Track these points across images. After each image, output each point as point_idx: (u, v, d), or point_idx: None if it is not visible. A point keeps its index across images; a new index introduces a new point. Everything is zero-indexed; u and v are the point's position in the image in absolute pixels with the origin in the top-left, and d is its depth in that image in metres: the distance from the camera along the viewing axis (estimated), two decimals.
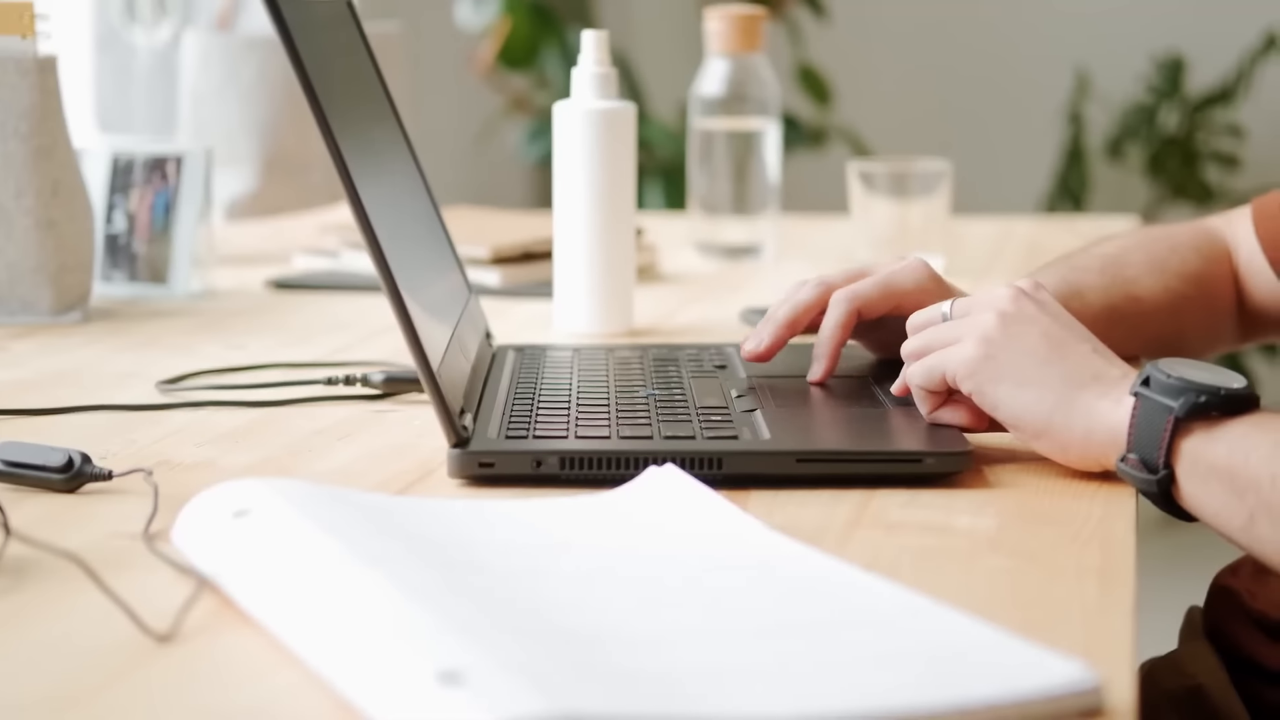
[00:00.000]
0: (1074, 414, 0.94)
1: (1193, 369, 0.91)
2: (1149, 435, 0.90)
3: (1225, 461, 0.87)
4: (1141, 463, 0.90)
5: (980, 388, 0.97)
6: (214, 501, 0.84)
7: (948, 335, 1.00)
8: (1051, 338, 0.97)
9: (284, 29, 0.93)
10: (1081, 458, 0.95)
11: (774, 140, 1.89)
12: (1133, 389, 0.91)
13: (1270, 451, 0.85)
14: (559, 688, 0.63)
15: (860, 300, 1.11)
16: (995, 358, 0.96)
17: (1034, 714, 0.65)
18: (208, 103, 2.05)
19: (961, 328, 0.99)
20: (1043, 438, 0.95)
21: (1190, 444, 0.89)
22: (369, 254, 0.95)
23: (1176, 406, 0.88)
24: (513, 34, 3.40)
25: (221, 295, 1.66)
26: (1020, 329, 0.97)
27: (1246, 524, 0.87)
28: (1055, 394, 0.95)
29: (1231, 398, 0.88)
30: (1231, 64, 4.10)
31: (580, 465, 0.97)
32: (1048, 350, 0.96)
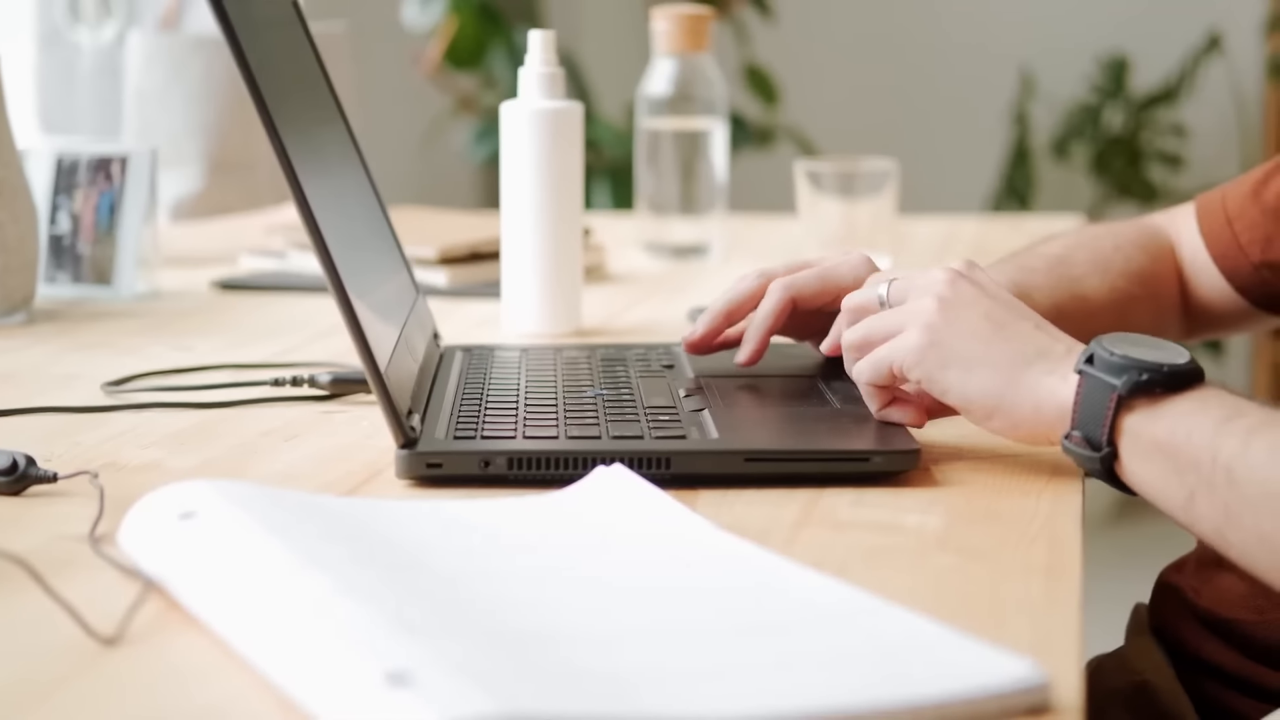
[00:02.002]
0: (1022, 391, 0.94)
1: (1137, 345, 0.91)
2: (1092, 413, 0.90)
3: (1167, 439, 0.87)
4: (1085, 440, 0.91)
5: (929, 375, 0.97)
6: (160, 503, 0.83)
7: (889, 325, 1.00)
8: (993, 318, 0.97)
9: (229, 29, 0.93)
10: (1032, 434, 0.95)
11: (721, 140, 1.90)
12: (1077, 366, 0.92)
13: (1212, 430, 0.86)
14: (507, 688, 0.63)
15: (796, 289, 1.12)
16: (940, 344, 0.97)
17: (982, 712, 0.65)
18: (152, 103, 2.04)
19: (902, 316, 0.99)
20: (994, 417, 0.96)
21: (1133, 421, 0.89)
22: (315, 254, 0.95)
23: (1119, 384, 0.89)
24: (459, 34, 3.39)
25: (167, 296, 1.65)
26: (961, 312, 0.97)
27: (1186, 502, 0.87)
28: (1003, 373, 0.95)
29: (1175, 374, 0.89)
30: (1175, 64, 4.13)
31: (528, 465, 0.97)
32: (991, 330, 0.96)
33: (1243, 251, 1.28)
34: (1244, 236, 1.28)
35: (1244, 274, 1.28)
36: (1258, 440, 0.84)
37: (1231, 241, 1.29)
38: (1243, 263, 1.28)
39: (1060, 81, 4.20)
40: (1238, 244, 1.28)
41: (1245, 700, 1.07)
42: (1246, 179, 1.30)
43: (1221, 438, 0.85)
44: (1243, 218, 1.28)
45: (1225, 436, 0.85)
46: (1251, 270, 1.28)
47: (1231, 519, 0.84)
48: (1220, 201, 1.30)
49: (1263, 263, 1.27)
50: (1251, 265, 1.28)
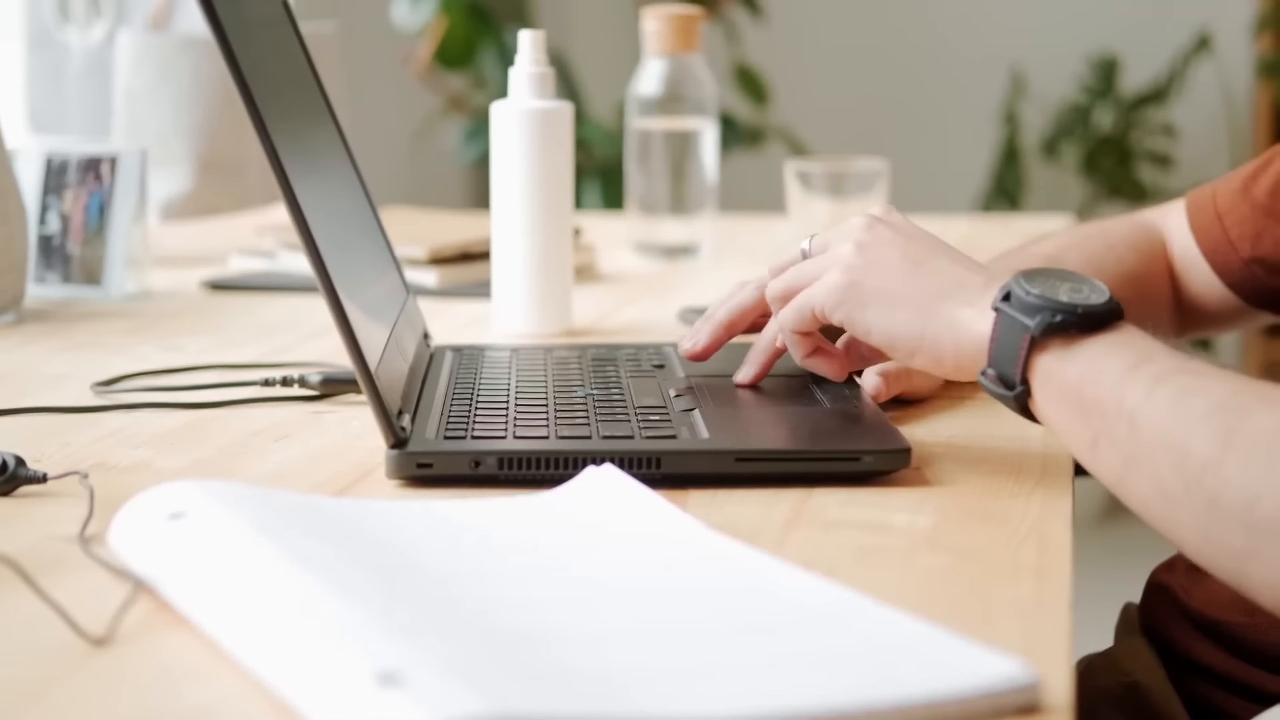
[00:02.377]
0: (942, 325, 0.95)
1: (1055, 281, 0.91)
2: (1007, 351, 0.90)
3: (1076, 382, 0.87)
4: (999, 378, 0.91)
5: (850, 315, 0.98)
6: (150, 504, 0.83)
7: (810, 271, 1.01)
8: (909, 255, 0.98)
9: (219, 28, 0.93)
10: (955, 369, 0.95)
11: (711, 140, 1.90)
12: (994, 303, 0.92)
13: (1120, 375, 0.85)
14: (497, 688, 0.63)
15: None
16: (859, 283, 0.97)
17: (972, 711, 0.65)
18: (142, 103, 2.04)
19: (822, 262, 1.00)
20: (917, 354, 0.96)
21: (1045, 361, 0.89)
22: (306, 255, 0.95)
23: (1033, 325, 0.89)
24: (449, 34, 3.39)
25: (157, 296, 1.65)
26: (879, 252, 0.98)
27: (1091, 446, 0.87)
28: (922, 309, 0.95)
29: (1089, 314, 0.88)
30: (1164, 64, 4.13)
31: (519, 465, 0.97)
32: (908, 268, 0.97)
33: (1233, 247, 1.28)
34: (1234, 232, 1.28)
35: (1235, 270, 1.28)
36: (1162, 388, 0.83)
37: (1222, 237, 1.29)
38: (1233, 258, 1.28)
39: (1050, 81, 4.21)
40: (1228, 239, 1.28)
41: (1235, 700, 1.07)
42: (1236, 175, 1.30)
43: (1127, 384, 0.85)
44: (1233, 213, 1.28)
45: (1131, 383, 0.85)
46: (1242, 266, 1.28)
47: (1131, 466, 0.84)
48: (1210, 198, 1.30)
49: (1253, 258, 1.27)
50: (1242, 261, 1.28)
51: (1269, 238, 1.26)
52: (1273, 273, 1.27)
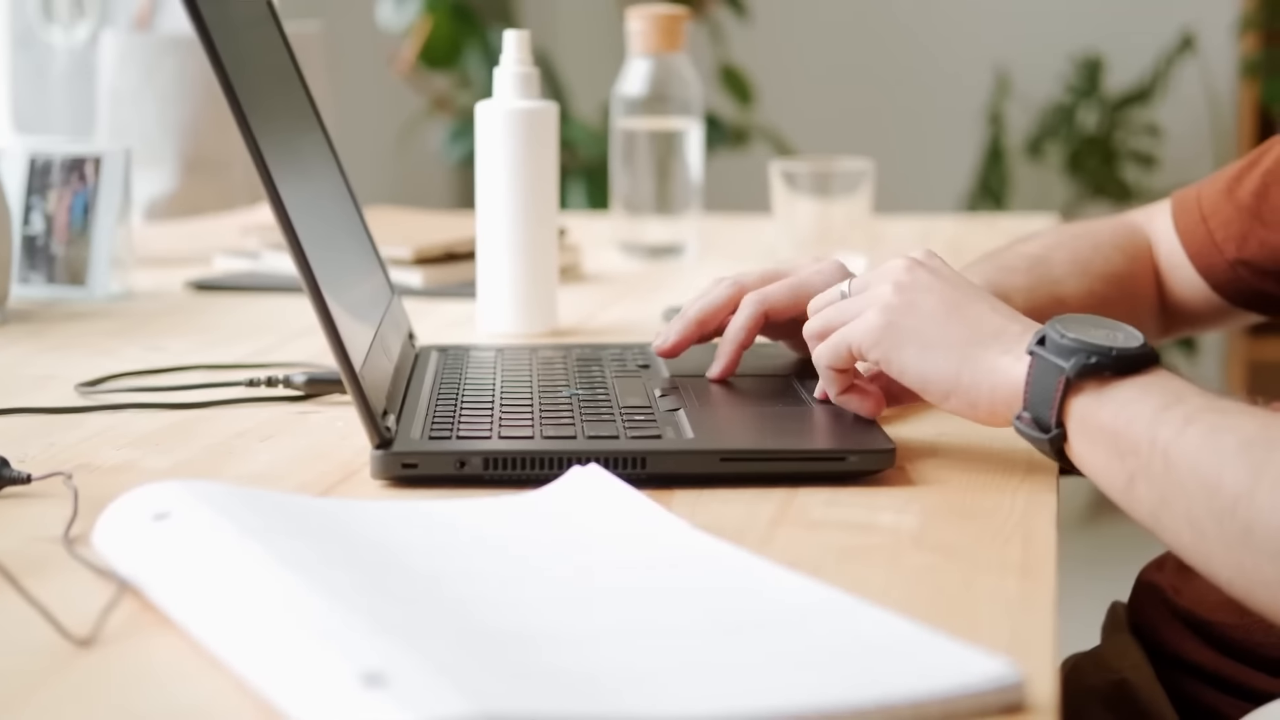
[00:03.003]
0: (979, 371, 0.95)
1: (1090, 327, 0.92)
2: (1042, 394, 0.91)
3: (1111, 423, 0.88)
4: (1035, 421, 0.92)
5: (886, 355, 0.98)
6: (134, 504, 0.83)
7: (849, 311, 1.01)
8: (949, 300, 0.98)
9: (203, 28, 0.93)
10: (990, 414, 0.96)
11: (696, 140, 1.90)
12: (1029, 347, 0.92)
13: (1153, 416, 0.86)
14: (482, 688, 0.63)
15: (769, 303, 1.12)
16: (897, 324, 0.98)
17: (957, 710, 0.65)
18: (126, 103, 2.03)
19: (861, 302, 1.01)
20: (951, 397, 0.96)
21: (1080, 404, 0.90)
22: (290, 255, 0.95)
23: (1068, 367, 0.89)
24: (434, 34, 3.39)
25: (141, 297, 1.65)
26: (918, 295, 0.98)
27: (1126, 486, 0.88)
28: (959, 353, 0.96)
29: (1123, 357, 0.89)
30: (1149, 64, 4.14)
31: (504, 465, 0.97)
32: (947, 312, 0.97)
33: (1218, 249, 1.28)
34: (1219, 234, 1.28)
35: (1219, 271, 1.29)
36: (1193, 427, 0.84)
37: (1206, 239, 1.29)
38: (1218, 260, 1.28)
39: (1035, 81, 4.21)
40: (1212, 241, 1.28)
41: (1224, 698, 1.07)
42: (1221, 176, 1.30)
43: (1159, 424, 0.86)
44: (1217, 215, 1.28)
45: (1163, 423, 0.86)
46: (1227, 267, 1.28)
47: (1165, 504, 0.85)
48: (1195, 199, 1.31)
49: (1238, 260, 1.27)
50: (1227, 262, 1.28)
51: (1254, 239, 1.27)
52: (1258, 274, 1.27)
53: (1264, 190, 1.26)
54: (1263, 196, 1.26)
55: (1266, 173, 1.27)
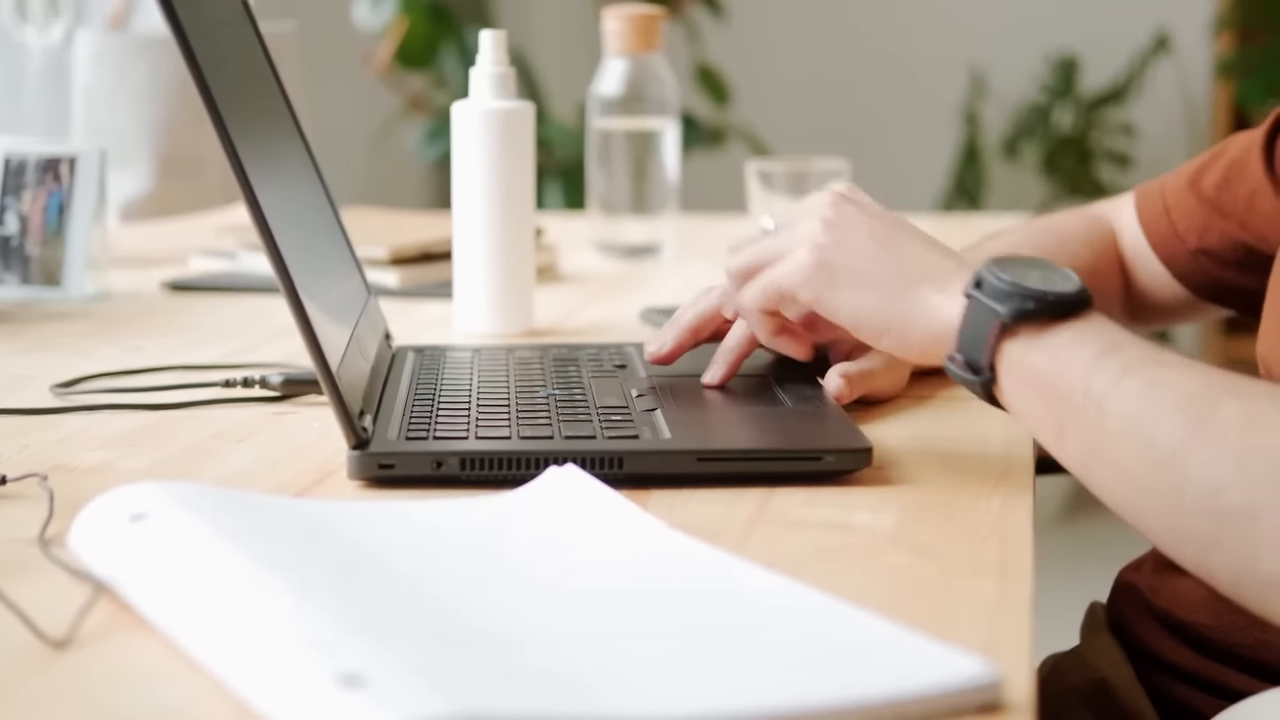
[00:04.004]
0: (914, 310, 0.95)
1: (1026, 269, 0.91)
2: (976, 337, 0.91)
3: (1045, 370, 0.88)
4: (967, 363, 0.91)
5: (819, 295, 0.97)
6: (111, 505, 0.83)
7: (775, 249, 1.00)
8: (879, 235, 0.98)
9: (178, 28, 0.92)
10: (922, 353, 0.95)
11: (673, 140, 1.90)
12: (965, 289, 0.92)
13: (1088, 364, 0.86)
14: (459, 689, 0.63)
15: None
16: (829, 262, 0.97)
17: (933, 710, 0.65)
18: (101, 103, 2.03)
19: (787, 240, 1.00)
20: (885, 336, 0.96)
21: (1014, 348, 0.89)
22: (266, 255, 0.95)
23: (1004, 312, 0.89)
24: (410, 33, 3.39)
25: (117, 298, 1.65)
26: (848, 231, 0.98)
27: (1058, 433, 0.88)
28: (892, 292, 0.95)
29: (1060, 301, 0.89)
30: (1123, 64, 4.15)
31: (481, 466, 0.97)
32: (879, 248, 0.97)
33: (1180, 239, 1.30)
34: (1181, 224, 1.30)
35: (1182, 261, 1.30)
36: (1130, 378, 0.84)
37: (1169, 230, 1.30)
38: (1180, 250, 1.30)
39: (1010, 81, 4.22)
40: (1175, 232, 1.30)
41: (1202, 696, 1.08)
42: (1184, 169, 1.32)
43: (1095, 372, 0.85)
44: (1179, 206, 1.30)
45: (1099, 371, 0.85)
46: (1189, 257, 1.30)
47: (1096, 453, 0.85)
48: (1159, 191, 1.32)
49: (1200, 249, 1.29)
50: (1189, 252, 1.29)
51: (1214, 230, 1.28)
52: (1220, 265, 1.29)
53: (1225, 183, 1.28)
54: (1224, 189, 1.28)
55: (1228, 165, 1.28)
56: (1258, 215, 1.26)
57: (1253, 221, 1.26)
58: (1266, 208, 1.25)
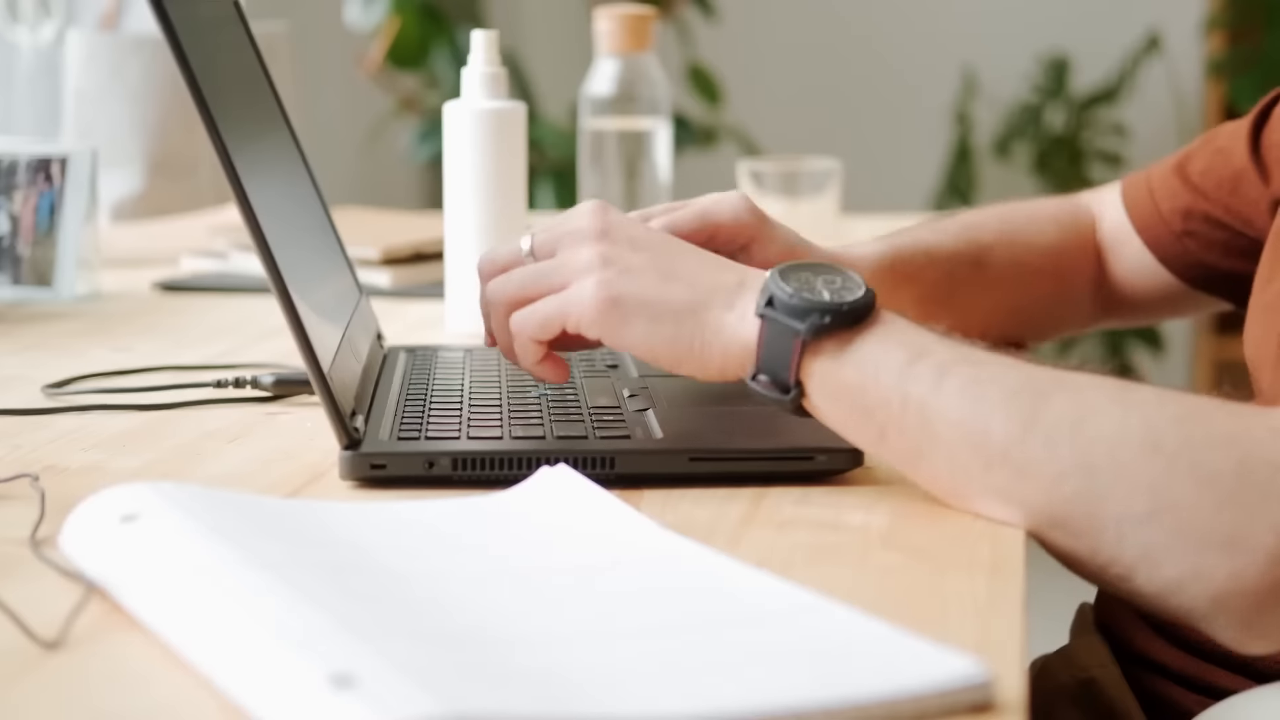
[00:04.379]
0: (707, 333, 0.94)
1: (811, 279, 0.92)
2: (778, 356, 0.91)
3: (855, 380, 0.89)
4: (773, 383, 0.92)
5: (611, 332, 0.95)
6: (102, 506, 0.83)
7: (549, 279, 0.98)
8: (659, 260, 0.96)
9: (169, 28, 0.92)
10: (722, 373, 0.95)
11: (665, 140, 1.90)
12: (758, 309, 0.92)
13: (900, 371, 0.88)
14: (451, 689, 0.63)
15: (675, 229, 1.10)
16: (618, 299, 0.95)
17: (925, 709, 0.65)
18: (92, 103, 2.03)
19: (564, 270, 0.97)
20: (682, 364, 0.95)
21: (819, 364, 0.90)
22: (258, 255, 0.94)
23: (803, 329, 0.90)
24: (402, 34, 3.38)
25: (108, 298, 1.64)
26: (627, 259, 0.96)
27: (877, 438, 0.90)
28: (683, 319, 0.94)
29: (855, 311, 0.90)
30: (1115, 64, 4.15)
31: (473, 466, 0.97)
32: (661, 276, 0.95)
33: (1164, 222, 1.31)
34: (1165, 206, 1.31)
35: (1167, 244, 1.31)
36: (949, 380, 0.87)
37: (1153, 212, 1.31)
38: (1165, 233, 1.31)
39: (1002, 81, 4.22)
40: (1159, 214, 1.31)
41: (1190, 695, 1.08)
42: (1170, 158, 1.34)
43: (909, 380, 0.87)
44: (1164, 188, 1.31)
45: (912, 379, 0.87)
46: (1174, 240, 1.30)
47: (921, 453, 0.88)
48: (1145, 177, 1.34)
49: (1185, 231, 1.30)
50: (1174, 235, 1.30)
51: (1199, 213, 1.29)
52: (1205, 247, 1.29)
53: (1210, 168, 1.29)
54: (1208, 173, 1.29)
55: (1214, 152, 1.29)
56: (1242, 200, 1.27)
57: (1237, 206, 1.27)
58: (1251, 193, 1.26)
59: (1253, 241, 1.25)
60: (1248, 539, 0.78)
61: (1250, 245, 1.25)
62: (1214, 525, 0.79)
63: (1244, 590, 0.78)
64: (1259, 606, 0.79)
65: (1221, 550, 0.79)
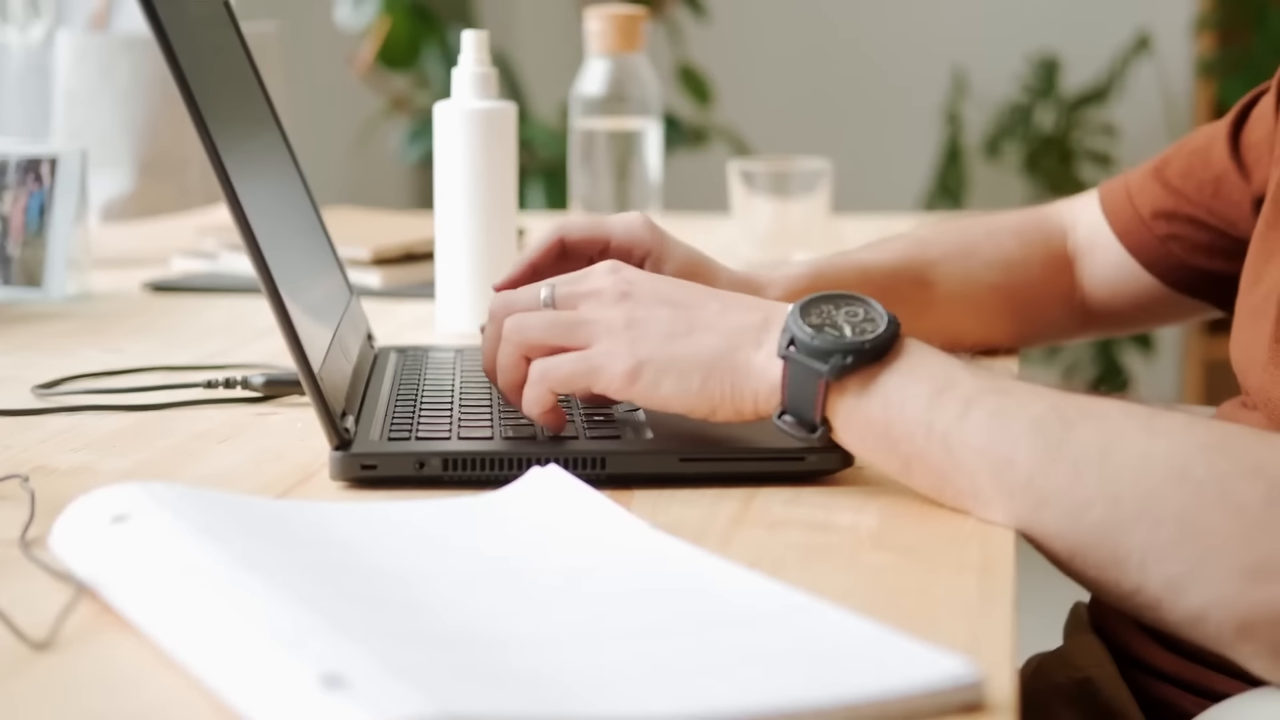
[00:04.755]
0: (737, 378, 0.94)
1: (831, 310, 0.92)
2: (803, 396, 0.92)
3: (880, 416, 0.90)
4: (799, 422, 0.93)
5: (643, 397, 0.95)
6: (92, 507, 0.83)
7: (575, 334, 0.97)
8: (679, 311, 0.96)
9: (159, 28, 0.92)
10: (756, 414, 0.95)
11: (655, 140, 1.90)
12: (780, 351, 0.92)
13: (926, 403, 0.88)
14: (442, 689, 0.63)
15: (565, 230, 1.12)
16: (648, 360, 0.95)
17: (916, 709, 0.65)
18: (82, 103, 2.02)
19: (591, 329, 0.97)
20: (718, 412, 0.96)
21: (844, 403, 0.91)
22: (248, 255, 0.94)
23: (826, 371, 0.90)
24: (392, 34, 3.38)
25: (98, 298, 1.64)
26: (653, 314, 0.96)
27: (904, 470, 0.91)
28: (714, 369, 0.94)
29: (877, 347, 0.90)
30: (1105, 64, 4.16)
31: (463, 466, 0.97)
32: (685, 329, 0.95)
33: (1146, 226, 1.30)
34: (1146, 210, 1.30)
35: (1150, 248, 1.31)
36: (974, 411, 0.87)
37: (1134, 216, 1.31)
38: (1147, 236, 1.31)
39: (992, 81, 4.23)
40: (1140, 219, 1.31)
41: (1188, 696, 1.08)
42: (1148, 163, 1.33)
43: (935, 411, 0.88)
44: (1144, 193, 1.31)
45: (939, 410, 0.88)
46: (1157, 243, 1.30)
47: (947, 481, 0.89)
48: (1122, 183, 1.34)
49: (1168, 235, 1.29)
50: (1156, 239, 1.30)
51: (1181, 215, 1.29)
52: (1190, 250, 1.29)
53: (1189, 170, 1.29)
54: (1188, 176, 1.29)
55: (1191, 154, 1.29)
56: (1224, 201, 1.27)
57: (1219, 207, 1.27)
58: (1234, 194, 1.26)
59: (1236, 242, 1.25)
60: (1275, 568, 0.78)
61: (1234, 246, 1.25)
62: (1241, 554, 0.78)
63: (1272, 619, 0.78)
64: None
65: (1248, 579, 0.78)
